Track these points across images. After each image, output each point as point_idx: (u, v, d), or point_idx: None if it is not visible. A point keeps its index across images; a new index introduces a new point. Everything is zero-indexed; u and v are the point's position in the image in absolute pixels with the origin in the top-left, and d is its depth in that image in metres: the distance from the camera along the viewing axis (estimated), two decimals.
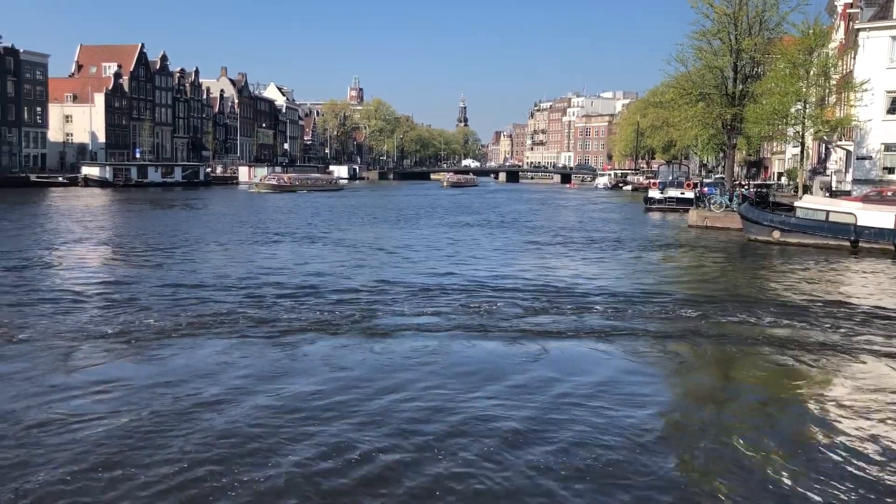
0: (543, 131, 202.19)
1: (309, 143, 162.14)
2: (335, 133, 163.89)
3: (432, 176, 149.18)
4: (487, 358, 11.72)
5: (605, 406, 9.45)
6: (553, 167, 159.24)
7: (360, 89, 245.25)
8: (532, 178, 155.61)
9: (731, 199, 37.92)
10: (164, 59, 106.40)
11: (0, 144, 79.44)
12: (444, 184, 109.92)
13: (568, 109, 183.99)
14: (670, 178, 57.99)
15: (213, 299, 15.65)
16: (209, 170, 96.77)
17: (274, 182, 77.59)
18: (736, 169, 61.50)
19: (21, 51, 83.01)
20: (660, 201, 51.29)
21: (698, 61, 45.07)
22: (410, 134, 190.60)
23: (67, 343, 11.93)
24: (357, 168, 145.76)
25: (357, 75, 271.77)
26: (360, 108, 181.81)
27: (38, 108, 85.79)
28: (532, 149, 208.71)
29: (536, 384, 10.30)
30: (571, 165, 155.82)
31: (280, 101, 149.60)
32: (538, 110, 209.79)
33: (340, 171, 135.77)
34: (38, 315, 13.83)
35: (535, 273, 20.79)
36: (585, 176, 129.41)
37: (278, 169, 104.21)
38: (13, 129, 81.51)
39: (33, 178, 74.06)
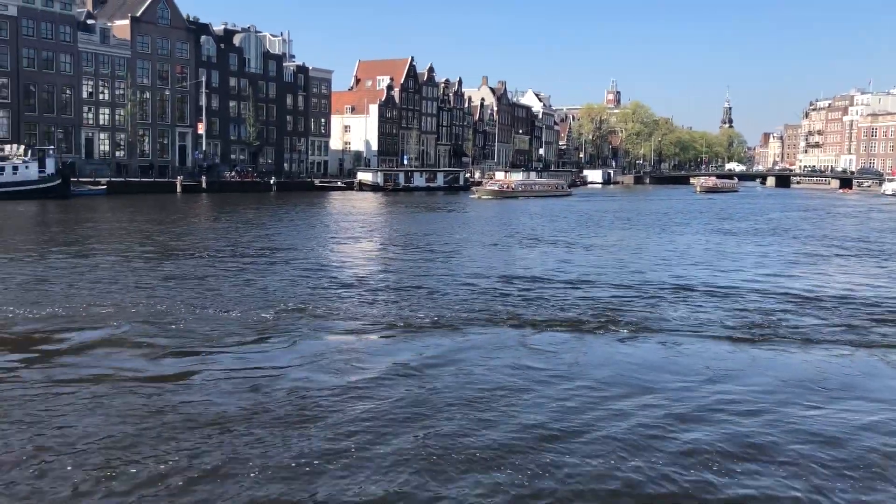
0: (820, 132, 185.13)
1: (563, 147, 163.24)
2: (590, 137, 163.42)
3: (691, 180, 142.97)
4: (767, 367, 11.19)
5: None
6: (830, 171, 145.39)
7: (618, 92, 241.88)
8: (799, 181, 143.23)
9: None
10: (430, 70, 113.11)
11: (291, 152, 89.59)
12: (697, 189, 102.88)
13: (850, 108, 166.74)
14: None
15: (472, 293, 16.47)
16: (468, 175, 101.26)
17: (496, 188, 78.65)
18: None
19: (310, 68, 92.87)
20: None
21: None
22: (669, 136, 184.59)
23: (347, 324, 13.31)
24: (612, 172, 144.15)
25: (615, 79, 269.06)
26: (616, 111, 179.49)
27: (323, 120, 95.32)
28: (806, 151, 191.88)
29: (822, 400, 9.63)
30: (852, 169, 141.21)
31: (537, 107, 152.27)
32: (814, 109, 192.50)
33: (594, 175, 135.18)
34: (324, 298, 15.52)
35: (810, 284, 19.25)
36: (866, 181, 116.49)
37: (533, 174, 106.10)
38: (302, 138, 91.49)
39: (317, 182, 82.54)
